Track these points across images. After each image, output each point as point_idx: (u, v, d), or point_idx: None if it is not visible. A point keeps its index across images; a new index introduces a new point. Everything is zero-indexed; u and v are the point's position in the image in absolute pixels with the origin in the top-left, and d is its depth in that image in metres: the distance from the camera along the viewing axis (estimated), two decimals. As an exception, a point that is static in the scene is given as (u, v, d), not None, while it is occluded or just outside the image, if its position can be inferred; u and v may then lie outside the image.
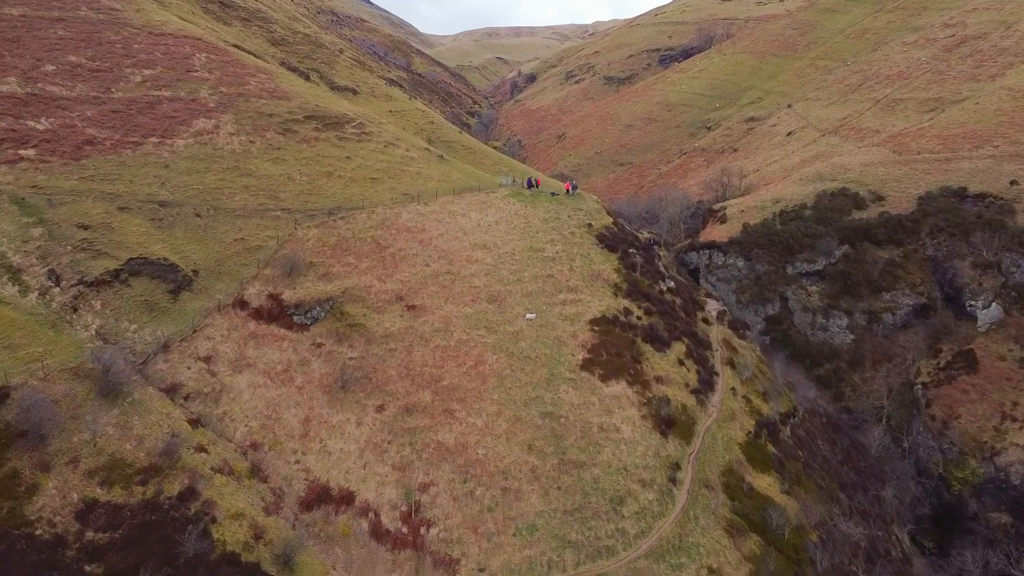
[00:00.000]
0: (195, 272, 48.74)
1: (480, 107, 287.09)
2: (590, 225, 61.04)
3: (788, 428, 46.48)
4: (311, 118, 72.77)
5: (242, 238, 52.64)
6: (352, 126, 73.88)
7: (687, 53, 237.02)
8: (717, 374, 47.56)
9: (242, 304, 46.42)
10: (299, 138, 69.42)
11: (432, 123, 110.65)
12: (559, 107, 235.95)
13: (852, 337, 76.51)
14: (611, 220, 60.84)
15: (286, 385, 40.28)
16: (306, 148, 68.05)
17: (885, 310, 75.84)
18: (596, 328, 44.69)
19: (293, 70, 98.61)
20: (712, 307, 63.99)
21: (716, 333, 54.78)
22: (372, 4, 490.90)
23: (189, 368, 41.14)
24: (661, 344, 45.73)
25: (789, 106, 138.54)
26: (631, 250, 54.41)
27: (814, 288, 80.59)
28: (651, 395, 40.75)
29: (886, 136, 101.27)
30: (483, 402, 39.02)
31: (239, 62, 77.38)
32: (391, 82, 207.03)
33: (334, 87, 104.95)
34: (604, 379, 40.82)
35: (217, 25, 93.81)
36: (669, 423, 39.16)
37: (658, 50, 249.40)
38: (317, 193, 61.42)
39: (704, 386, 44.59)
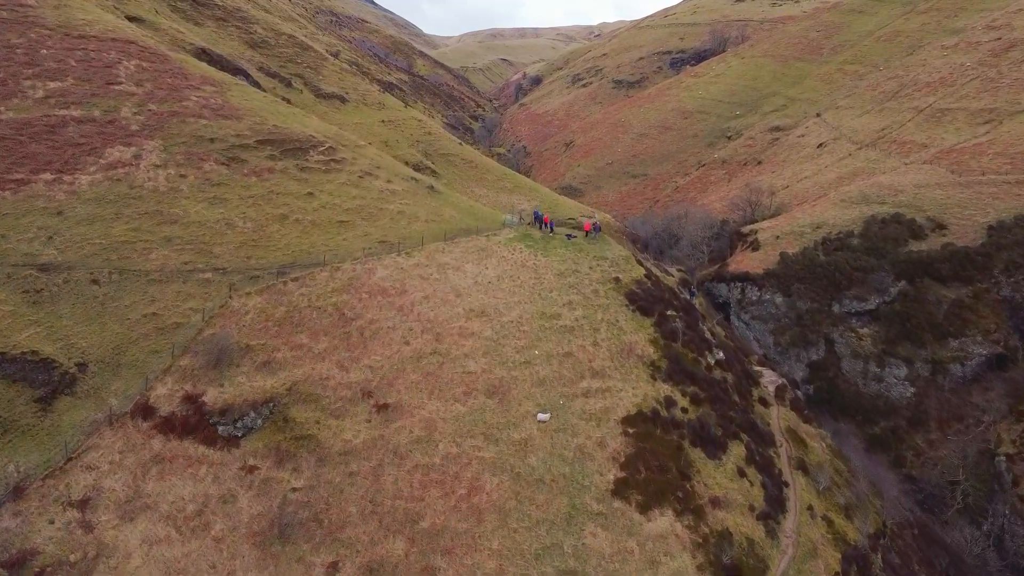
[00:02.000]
0: (81, 367, 35.67)
1: (484, 111, 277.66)
2: (617, 280, 48.26)
3: (879, 555, 36.16)
4: (266, 143, 59.28)
5: (155, 313, 39.54)
6: (319, 152, 60.55)
7: (700, 56, 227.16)
8: (787, 484, 36.93)
9: (146, 411, 33.87)
10: (247, 170, 56.05)
11: (429, 134, 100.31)
12: (566, 111, 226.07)
13: (913, 391, 65.78)
14: (642, 272, 49.34)
15: (199, 537, 28.12)
16: (255, 183, 54.81)
17: (952, 360, 65.07)
18: (631, 430, 33.54)
19: (273, 76, 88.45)
20: (768, 379, 53.15)
21: (777, 418, 44.16)
22: (375, 5, 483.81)
23: (53, 521, 28.65)
24: (715, 447, 35.00)
25: (818, 115, 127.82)
26: (669, 312, 43.51)
27: (866, 331, 69.87)
28: (707, 530, 30.00)
29: (936, 151, 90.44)
30: (478, 554, 27.89)
31: (181, 71, 64.24)
32: (388, 86, 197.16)
33: (320, 94, 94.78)
34: (644, 509, 29.88)
35: (186, 26, 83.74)
36: (734, 574, 28.73)
37: (669, 52, 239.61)
38: (265, 245, 48.34)
39: (773, 506, 33.84)
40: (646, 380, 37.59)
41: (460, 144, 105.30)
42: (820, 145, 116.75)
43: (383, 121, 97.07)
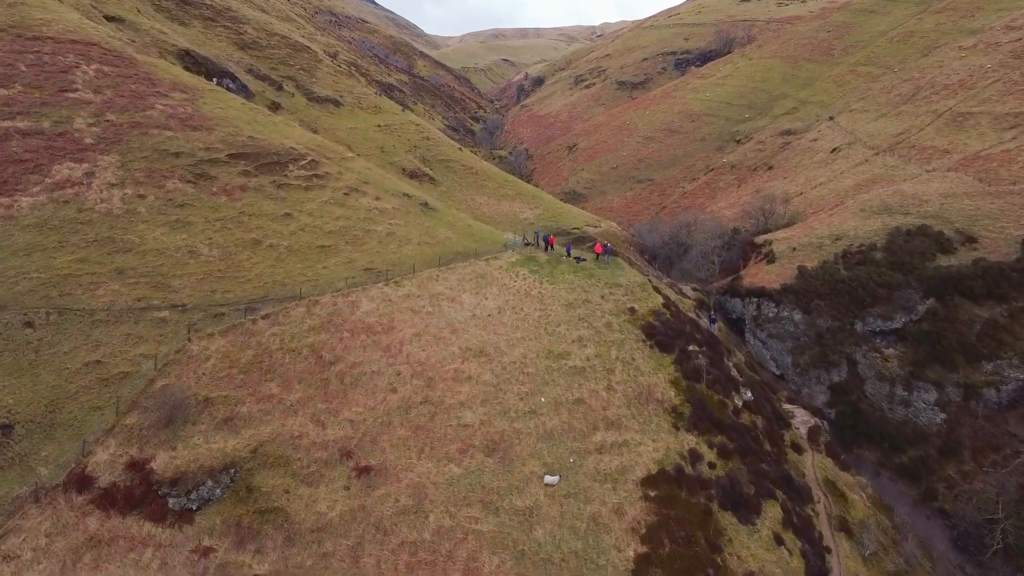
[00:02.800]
0: (5, 429, 29.72)
1: (485, 112, 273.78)
2: (632, 311, 43.15)
3: (933, 630, 32.07)
4: (239, 156, 53.10)
5: (98, 361, 33.41)
6: (300, 166, 54.41)
7: (705, 56, 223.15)
8: (829, 550, 32.66)
9: (82, 482, 28.13)
10: (216, 188, 49.90)
11: (428, 139, 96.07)
12: (568, 113, 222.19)
13: (943, 417, 61.39)
14: (660, 300, 44.88)
15: (139, 648, 22.72)
16: (225, 203, 48.79)
17: (986, 384, 60.67)
18: (652, 493, 28.82)
19: (263, 79, 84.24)
20: (799, 418, 48.61)
21: (812, 467, 39.83)
22: (377, 5, 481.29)
23: (-41, 638, 23.24)
24: (748, 510, 30.59)
25: (831, 118, 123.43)
26: (691, 347, 39.14)
27: (891, 351, 65.50)
28: (744, 617, 25.91)
29: (960, 158, 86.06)
30: (476, 656, 23.86)
31: (148, 76, 58.02)
32: (388, 88, 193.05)
33: (313, 98, 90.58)
34: (671, 594, 25.85)
35: (171, 26, 79.62)
36: (777, 674, 24.56)
37: (674, 53, 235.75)
38: (233, 276, 42.24)
39: (816, 579, 29.72)
40: (668, 430, 33.20)
41: (460, 149, 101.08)
42: (834, 150, 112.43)
43: (379, 126, 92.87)
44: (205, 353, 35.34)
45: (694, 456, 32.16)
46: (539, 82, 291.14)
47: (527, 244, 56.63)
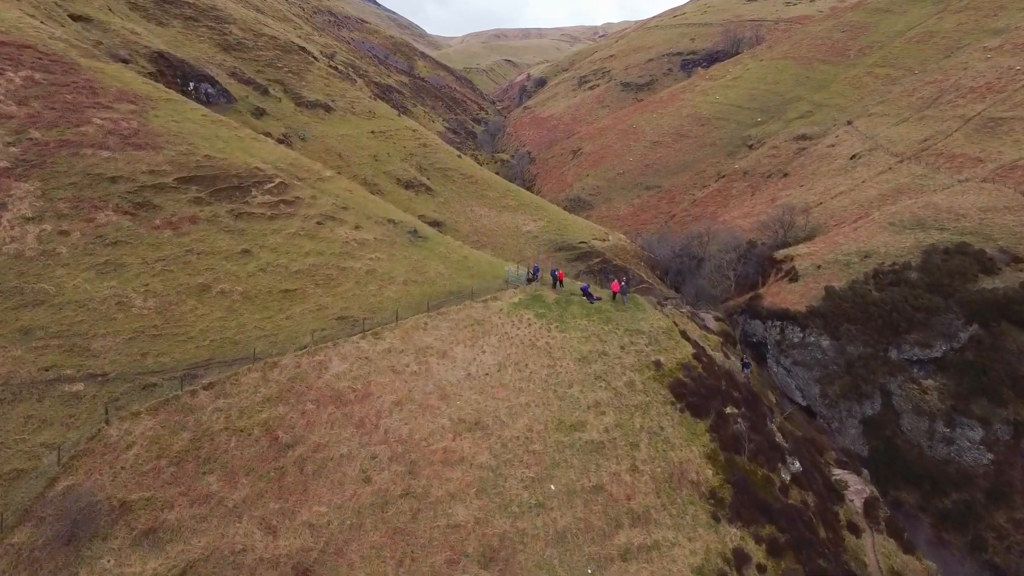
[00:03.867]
0: None
1: (487, 114, 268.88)
2: (658, 365, 36.58)
3: None
4: (191, 180, 44.83)
5: None
6: (265, 190, 46.24)
7: (712, 57, 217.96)
8: None
9: None
10: (160, 220, 41.57)
11: (425, 146, 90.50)
12: (572, 115, 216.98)
13: (991, 457, 55.69)
14: (689, 351, 38.05)
15: None
16: (169, 239, 40.62)
17: (1039, 422, 54.88)
18: None
19: (247, 82, 78.73)
20: (852, 487, 42.59)
21: (874, 553, 33.92)
22: (378, 5, 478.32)
23: None
24: (808, 631, 25.25)
25: (849, 123, 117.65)
26: (728, 409, 33.21)
27: (930, 383, 59.77)
28: None
29: (995, 168, 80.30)
30: None
31: (90, 84, 49.92)
32: (387, 89, 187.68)
33: (302, 103, 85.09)
34: None
35: (146, 26, 74.19)
36: None
37: (680, 54, 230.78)
38: (171, 333, 34.27)
39: None
40: (706, 523, 27.36)
41: (459, 156, 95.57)
42: (854, 156, 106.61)
43: (373, 132, 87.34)
44: (127, 439, 27.40)
45: (740, 557, 26.45)
46: (541, 83, 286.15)
47: (531, 280, 49.27)
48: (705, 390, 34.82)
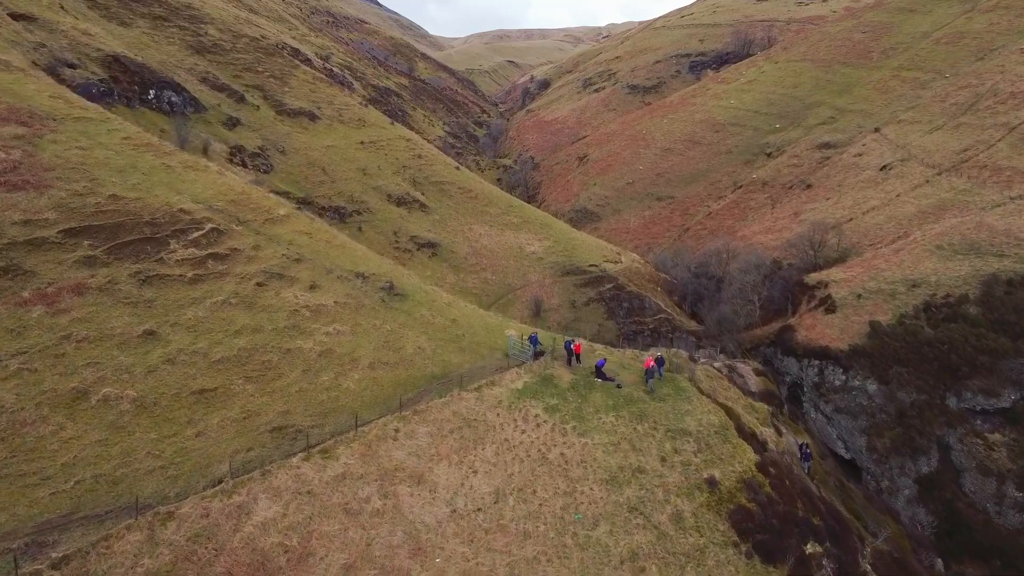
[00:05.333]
0: None
1: (489, 116, 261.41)
2: (712, 484, 27.80)
3: None
4: (83, 232, 33.96)
5: None
6: (189, 241, 35.40)
7: (722, 59, 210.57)
8: None
9: None
10: (30, 292, 30.51)
11: (419, 157, 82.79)
12: (577, 119, 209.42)
13: (1073, 529, 47.74)
14: (753, 458, 29.18)
15: None
16: (39, 321, 29.49)
17: None
18: None
19: (220, 89, 71.14)
20: None
21: None
22: (380, 6, 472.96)
23: None
24: None
25: (876, 130, 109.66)
26: (809, 546, 25.06)
27: (997, 437, 51.92)
28: None
29: (1051, 183, 72.29)
30: None
31: None
32: (385, 92, 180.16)
33: (283, 111, 77.45)
34: None
35: (106, 26, 66.59)
36: None
37: (688, 55, 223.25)
38: (16, 473, 23.19)
39: None
40: None
41: (457, 168, 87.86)
42: (884, 167, 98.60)
43: (362, 142, 79.68)
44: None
45: None
46: (545, 85, 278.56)
47: (539, 353, 38.70)
48: (778, 520, 26.39)
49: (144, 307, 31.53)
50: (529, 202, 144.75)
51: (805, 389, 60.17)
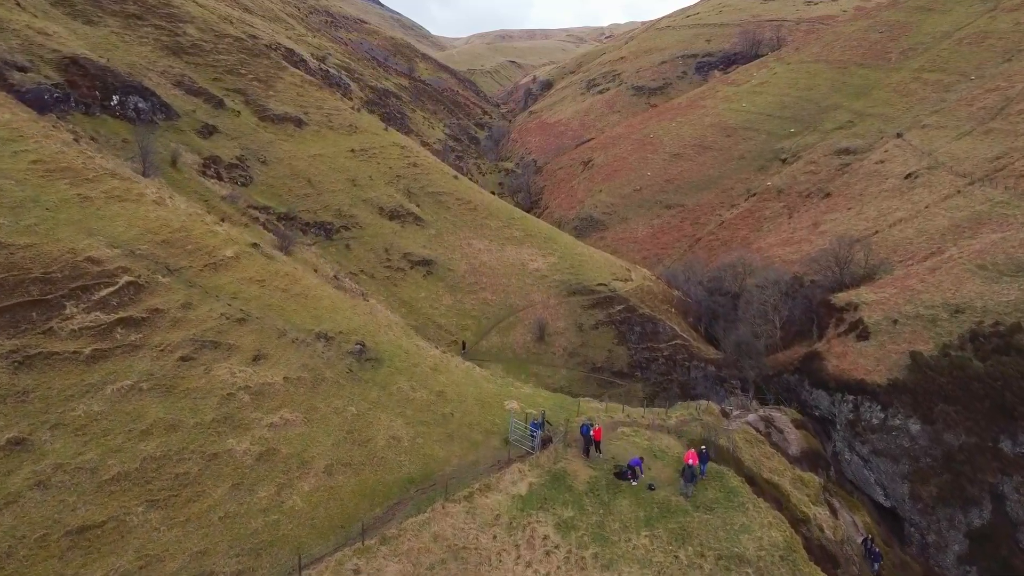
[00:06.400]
0: None
1: (490, 118, 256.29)
2: None
3: None
4: None
5: None
6: (93, 302, 26.91)
7: (729, 59, 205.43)
8: None
9: None
10: None
11: (415, 166, 77.10)
12: (581, 121, 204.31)
13: None
14: None
15: None
16: None
17: None
18: None
19: (197, 93, 65.49)
20: None
21: None
22: (382, 6, 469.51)
23: None
24: None
25: (899, 135, 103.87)
26: None
27: (1060, 487, 46.13)
28: None
29: (1101, 196, 66.47)
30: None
31: None
32: (383, 93, 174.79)
33: (266, 116, 71.80)
34: None
35: (69, 24, 60.82)
36: None
37: (694, 56, 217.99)
38: None
39: None
40: None
41: (456, 177, 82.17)
42: (909, 175, 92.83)
43: (353, 150, 74.00)
44: None
45: None
46: (548, 86, 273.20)
47: (547, 440, 30.74)
48: None
49: (15, 402, 22.15)
50: (532, 208, 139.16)
51: (838, 426, 54.46)
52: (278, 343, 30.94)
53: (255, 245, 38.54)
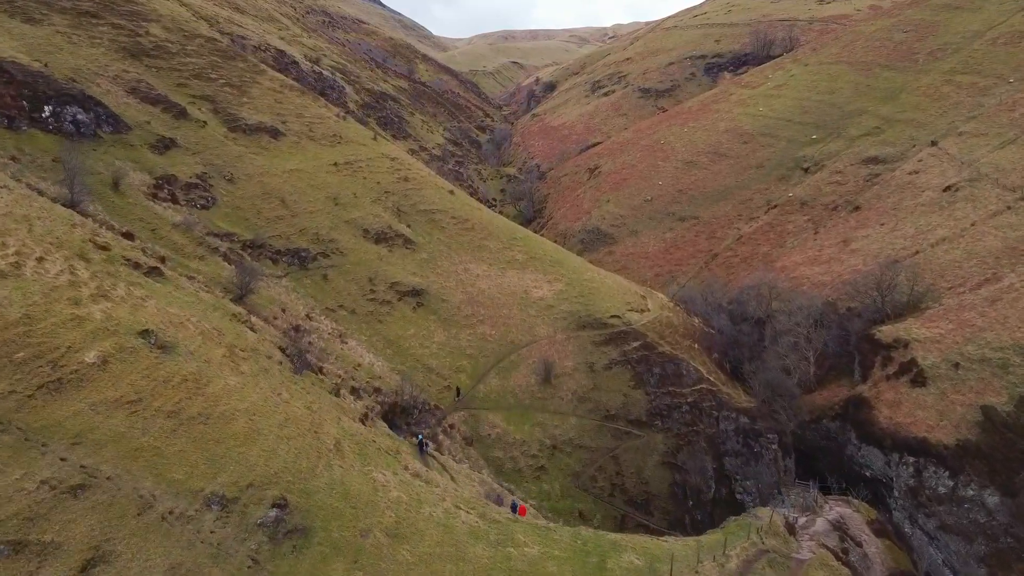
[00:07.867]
0: None
1: (492, 120, 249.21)
2: None
3: None
4: None
5: None
6: None
7: (740, 60, 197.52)
8: None
9: None
10: None
11: (406, 180, 69.37)
12: (586, 125, 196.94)
13: None
14: None
15: None
16: None
17: None
18: None
19: (155, 101, 57.74)
20: None
21: None
22: (383, 6, 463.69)
23: None
24: None
25: (933, 143, 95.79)
26: None
27: None
28: None
29: None
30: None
31: None
32: (381, 96, 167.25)
33: (237, 127, 63.99)
34: None
35: (11, 23, 53.02)
36: None
37: (703, 56, 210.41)
38: None
39: None
40: None
41: (452, 193, 74.32)
42: (948, 188, 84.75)
43: (336, 164, 66.20)
44: None
45: None
46: (551, 87, 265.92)
47: None
48: None
49: None
50: (535, 218, 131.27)
51: (896, 492, 46.52)
52: (135, 526, 18.79)
53: (145, 333, 26.26)
